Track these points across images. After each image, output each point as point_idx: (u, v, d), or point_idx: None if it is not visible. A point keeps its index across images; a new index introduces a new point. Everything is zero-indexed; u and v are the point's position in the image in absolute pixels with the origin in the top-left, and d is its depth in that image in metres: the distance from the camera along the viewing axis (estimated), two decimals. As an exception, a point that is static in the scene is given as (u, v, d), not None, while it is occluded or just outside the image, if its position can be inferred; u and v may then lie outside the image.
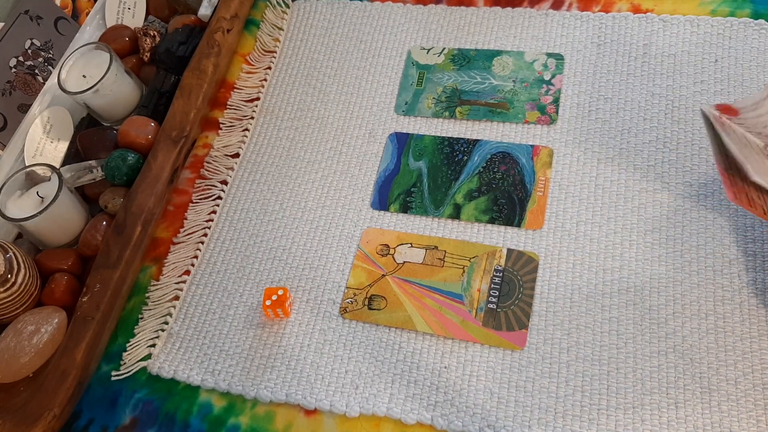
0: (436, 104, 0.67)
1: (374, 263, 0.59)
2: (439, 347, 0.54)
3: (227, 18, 0.71)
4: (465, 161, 0.63)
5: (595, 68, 0.65)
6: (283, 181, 0.65)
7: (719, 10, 0.66)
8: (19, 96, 0.72)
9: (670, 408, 0.49)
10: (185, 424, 0.54)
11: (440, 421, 0.51)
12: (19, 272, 0.57)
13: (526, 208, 0.59)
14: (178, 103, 0.66)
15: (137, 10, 0.77)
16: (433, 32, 0.71)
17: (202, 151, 0.69)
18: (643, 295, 0.54)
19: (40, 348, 0.56)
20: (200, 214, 0.65)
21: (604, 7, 0.69)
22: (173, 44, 0.71)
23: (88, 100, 0.67)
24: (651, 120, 0.62)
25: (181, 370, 0.56)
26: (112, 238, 0.59)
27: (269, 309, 0.56)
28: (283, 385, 0.54)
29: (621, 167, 0.60)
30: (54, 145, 0.69)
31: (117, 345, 0.59)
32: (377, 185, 0.63)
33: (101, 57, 0.68)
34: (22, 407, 0.53)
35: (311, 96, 0.70)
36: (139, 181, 0.62)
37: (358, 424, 0.52)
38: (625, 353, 0.52)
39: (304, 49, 0.74)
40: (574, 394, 0.51)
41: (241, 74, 0.73)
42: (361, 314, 0.56)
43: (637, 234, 0.56)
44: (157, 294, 0.61)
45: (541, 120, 0.64)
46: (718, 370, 0.50)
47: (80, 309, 0.56)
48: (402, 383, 0.53)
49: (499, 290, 0.56)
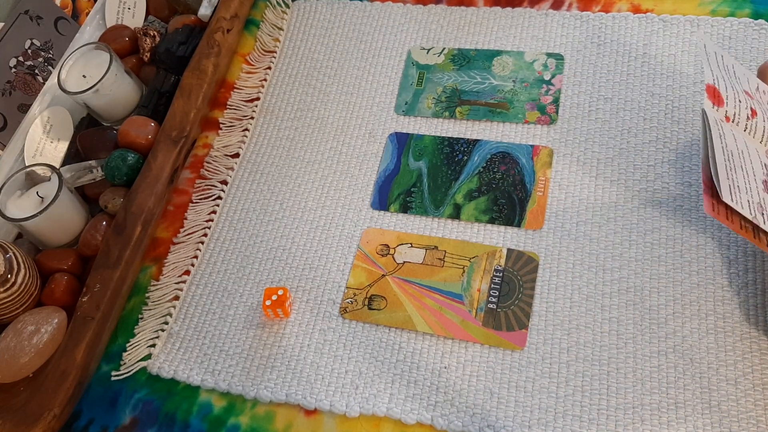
0: (436, 104, 0.67)
1: (374, 263, 0.59)
2: (439, 347, 0.54)
3: (227, 18, 0.71)
4: (465, 161, 0.63)
5: (595, 68, 0.65)
6: (283, 181, 0.65)
7: (719, 10, 0.66)
8: (19, 96, 0.72)
9: (670, 408, 0.49)
10: (185, 424, 0.54)
11: (440, 421, 0.51)
12: (19, 272, 0.57)
13: (526, 208, 0.59)
14: (178, 103, 0.66)
15: (137, 10, 0.77)
16: (433, 32, 0.71)
17: (202, 151, 0.69)
18: (643, 295, 0.54)
19: (40, 348, 0.56)
20: (200, 214, 0.65)
21: (604, 7, 0.69)
22: (173, 44, 0.71)
23: (88, 100, 0.67)
24: (651, 120, 0.62)
25: (181, 370, 0.56)
26: (112, 238, 0.59)
27: (269, 309, 0.56)
28: (283, 385, 0.54)
29: (621, 167, 0.60)
30: (54, 145, 0.69)
31: (117, 345, 0.59)
32: (377, 185, 0.63)
33: (101, 57, 0.68)
34: (22, 407, 0.53)
35: (311, 96, 0.70)
36: (139, 181, 0.62)
37: (358, 424, 0.52)
38: (625, 353, 0.52)
39: (304, 49, 0.74)
40: (574, 394, 0.51)
41: (241, 74, 0.73)
42: (361, 314, 0.56)
43: (637, 234, 0.56)
44: (157, 294, 0.61)
45: (541, 120, 0.63)
46: (718, 370, 0.50)
47: (80, 309, 0.56)
48: (402, 383, 0.53)
49: (499, 290, 0.56)
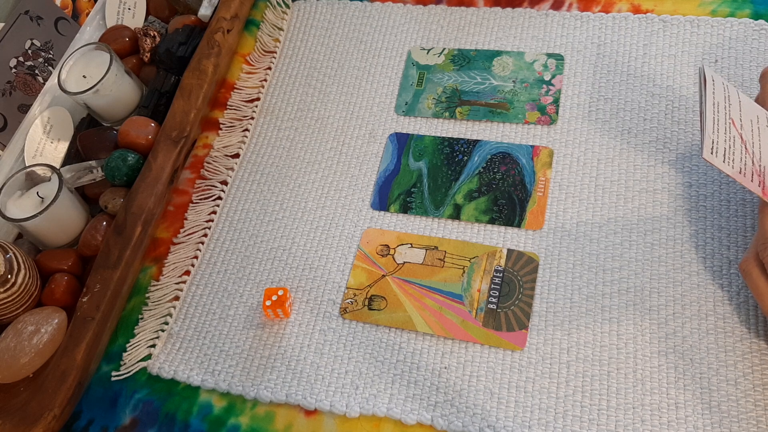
0: (436, 104, 0.67)
1: (374, 263, 0.59)
2: (439, 347, 0.54)
3: (227, 18, 0.71)
4: (465, 161, 0.63)
5: (595, 68, 0.65)
6: (283, 181, 0.65)
7: (719, 10, 0.66)
8: (19, 96, 0.72)
9: (670, 408, 0.49)
10: (185, 424, 0.54)
11: (440, 421, 0.51)
12: (19, 272, 0.57)
13: (526, 208, 0.59)
14: (178, 104, 0.66)
15: (137, 10, 0.77)
16: (433, 32, 0.71)
17: (202, 151, 0.69)
18: (643, 296, 0.54)
19: (40, 348, 0.56)
20: (200, 214, 0.65)
21: (604, 8, 0.69)
22: (173, 44, 0.71)
23: (88, 101, 0.67)
24: (651, 120, 0.62)
25: (181, 371, 0.56)
26: (112, 238, 0.59)
27: (269, 309, 0.56)
28: (283, 385, 0.54)
29: (621, 167, 0.60)
30: (54, 146, 0.69)
31: (117, 345, 0.59)
32: (377, 185, 0.63)
33: (101, 57, 0.68)
34: (22, 407, 0.53)
35: (311, 96, 0.70)
36: (139, 182, 0.62)
37: (358, 424, 0.52)
38: (625, 353, 0.52)
39: (304, 49, 0.74)
40: (574, 394, 0.51)
41: (241, 74, 0.73)
42: (361, 314, 0.56)
43: (637, 234, 0.56)
44: (157, 294, 0.61)
45: (541, 120, 0.64)
46: (718, 370, 0.50)
47: (80, 309, 0.56)
48: (402, 384, 0.53)
49: (499, 290, 0.56)
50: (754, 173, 0.49)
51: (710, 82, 0.51)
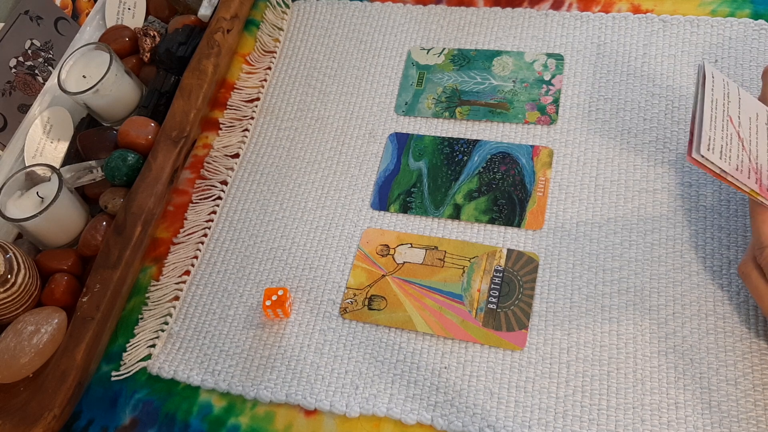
0: (436, 104, 0.67)
1: (374, 263, 0.59)
2: (439, 347, 0.54)
3: (227, 18, 0.71)
4: (465, 161, 0.63)
5: (595, 68, 0.65)
6: (283, 181, 0.65)
7: (719, 10, 0.66)
8: (19, 96, 0.72)
9: (670, 408, 0.49)
10: (185, 424, 0.54)
11: (440, 421, 0.51)
12: (19, 272, 0.57)
13: (526, 208, 0.59)
14: (178, 104, 0.66)
15: (137, 10, 0.77)
16: (433, 32, 0.71)
17: (202, 151, 0.69)
18: (643, 296, 0.54)
19: (40, 348, 0.56)
20: (200, 214, 0.65)
21: (604, 8, 0.69)
22: (173, 44, 0.71)
23: (88, 101, 0.67)
24: (651, 120, 0.62)
25: (181, 371, 0.56)
26: (112, 238, 0.59)
27: (269, 309, 0.56)
28: (283, 385, 0.54)
29: (621, 167, 0.60)
30: (54, 146, 0.69)
31: (117, 345, 0.59)
32: (377, 185, 0.63)
33: (101, 57, 0.68)
34: (22, 407, 0.53)
35: (311, 96, 0.70)
36: (139, 182, 0.62)
37: (358, 424, 0.52)
38: (625, 353, 0.52)
39: (304, 49, 0.74)
40: (574, 394, 0.51)
41: (241, 74, 0.73)
42: (361, 314, 0.56)
43: (637, 234, 0.56)
44: (157, 294, 0.61)
45: (541, 120, 0.64)
46: (718, 370, 0.50)
47: (80, 309, 0.56)
48: (402, 383, 0.53)
49: (499, 290, 0.56)
50: (751, 170, 0.49)
51: (710, 79, 0.51)
